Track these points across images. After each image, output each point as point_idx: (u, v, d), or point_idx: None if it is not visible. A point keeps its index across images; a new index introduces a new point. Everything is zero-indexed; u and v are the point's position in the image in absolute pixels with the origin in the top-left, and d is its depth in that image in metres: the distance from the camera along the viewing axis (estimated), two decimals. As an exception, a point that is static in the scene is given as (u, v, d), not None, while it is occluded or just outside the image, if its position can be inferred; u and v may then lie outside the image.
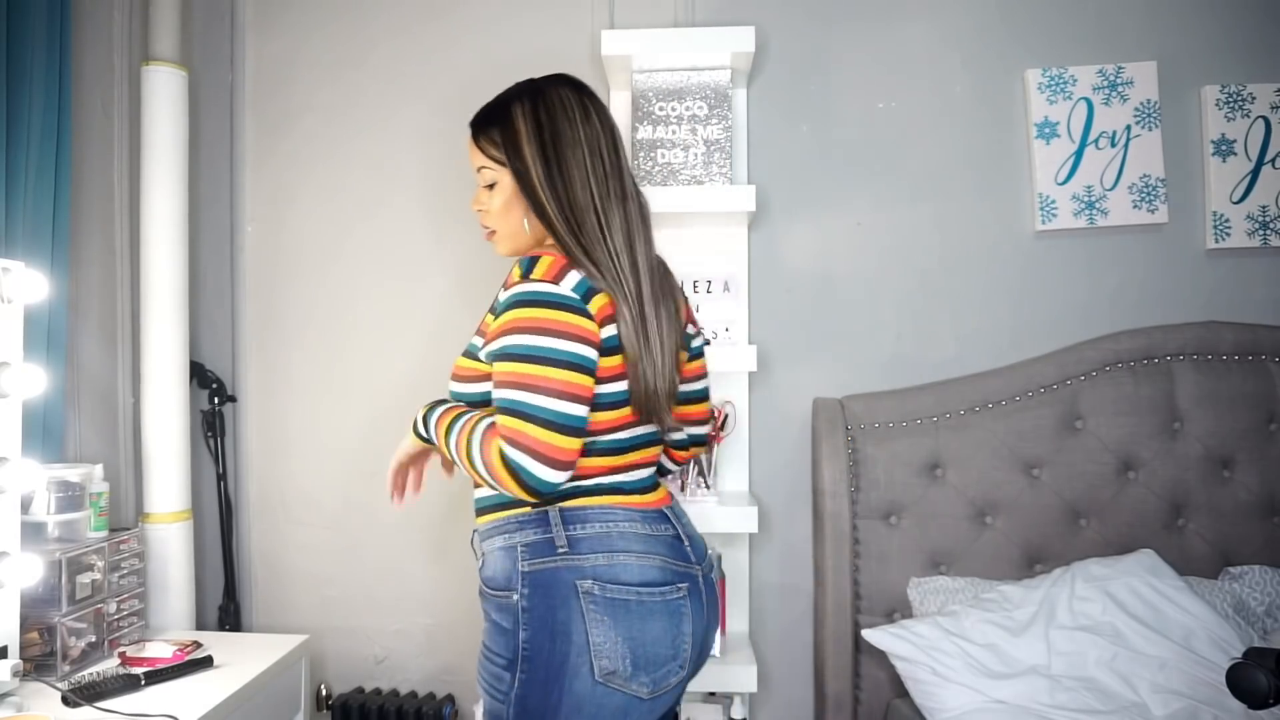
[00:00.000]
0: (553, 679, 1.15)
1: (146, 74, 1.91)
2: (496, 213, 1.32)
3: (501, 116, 1.30)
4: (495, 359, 1.17)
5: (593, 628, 1.15)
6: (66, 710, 1.39)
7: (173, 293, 1.93)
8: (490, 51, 2.09)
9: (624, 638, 1.15)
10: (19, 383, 1.46)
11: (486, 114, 1.33)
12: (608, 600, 1.16)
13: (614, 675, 1.15)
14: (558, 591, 1.16)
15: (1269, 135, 1.94)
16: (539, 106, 1.28)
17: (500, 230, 1.34)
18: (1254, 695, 1.09)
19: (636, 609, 1.17)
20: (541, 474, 1.10)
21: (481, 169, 1.32)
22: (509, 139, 1.28)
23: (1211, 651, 1.57)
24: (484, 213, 1.34)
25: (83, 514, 1.68)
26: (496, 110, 1.32)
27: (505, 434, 1.12)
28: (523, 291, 1.17)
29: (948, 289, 2.01)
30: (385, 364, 2.11)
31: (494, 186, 1.31)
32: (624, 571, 1.18)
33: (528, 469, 1.10)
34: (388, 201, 2.11)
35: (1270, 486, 1.86)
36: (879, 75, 2.02)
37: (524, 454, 1.10)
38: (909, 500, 1.90)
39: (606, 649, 1.15)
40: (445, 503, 2.08)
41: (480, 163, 1.32)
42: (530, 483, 1.10)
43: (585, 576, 1.17)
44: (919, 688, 1.67)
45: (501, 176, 1.30)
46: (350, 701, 2.01)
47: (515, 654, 1.17)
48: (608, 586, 1.16)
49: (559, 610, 1.16)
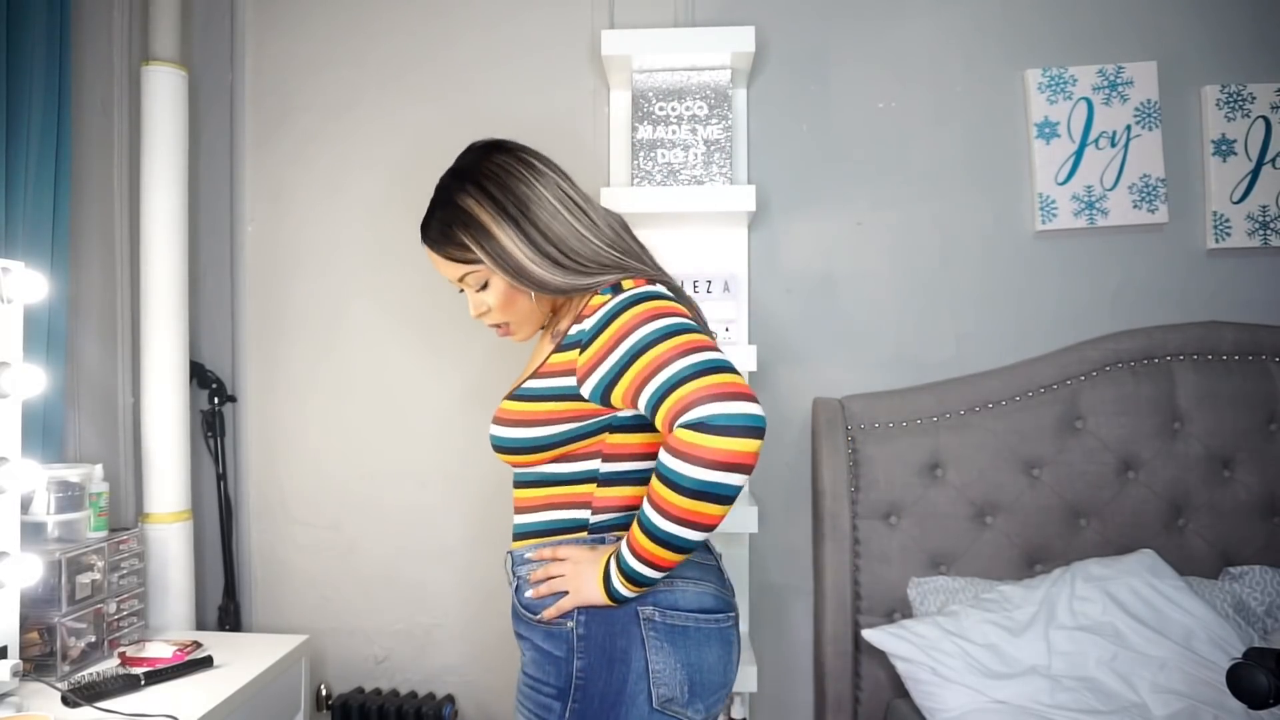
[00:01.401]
0: (609, 708, 1.13)
1: (146, 74, 1.91)
2: (500, 309, 1.24)
3: (455, 215, 1.20)
4: (625, 366, 1.09)
5: (652, 655, 1.13)
6: (66, 710, 1.39)
7: (173, 293, 1.93)
8: (490, 51, 2.09)
9: (683, 664, 1.14)
10: (19, 383, 1.46)
11: (439, 222, 1.23)
12: (668, 627, 1.14)
13: (671, 702, 1.13)
14: (618, 619, 1.14)
15: (1269, 135, 1.94)
16: (485, 184, 1.20)
17: (513, 320, 1.26)
18: (1254, 695, 1.09)
19: (695, 635, 1.16)
20: (756, 410, 1.01)
21: (464, 278, 1.23)
22: (477, 232, 1.18)
23: (1211, 651, 1.57)
24: (486, 315, 1.26)
25: (83, 514, 1.68)
26: (446, 212, 1.22)
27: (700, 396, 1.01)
28: (628, 296, 1.13)
29: (948, 289, 2.01)
30: (385, 364, 2.11)
31: (485, 286, 1.23)
32: (682, 598, 1.16)
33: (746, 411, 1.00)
34: (388, 201, 2.11)
35: (1270, 486, 1.86)
36: (879, 75, 2.02)
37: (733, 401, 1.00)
38: (909, 500, 1.90)
39: (665, 676, 1.13)
40: (446, 502, 2.09)
41: (459, 272, 1.22)
42: (755, 423, 1.00)
43: (646, 603, 1.14)
44: (919, 688, 1.67)
45: (487, 274, 1.21)
46: (350, 701, 2.01)
47: (568, 683, 1.14)
48: (668, 613, 1.15)
49: (619, 638, 1.14)
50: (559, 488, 1.21)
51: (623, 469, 1.19)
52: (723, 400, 1.00)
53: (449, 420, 2.08)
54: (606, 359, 1.11)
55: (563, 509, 1.21)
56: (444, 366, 2.10)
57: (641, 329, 1.09)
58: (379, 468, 2.11)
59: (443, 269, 1.24)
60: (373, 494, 2.11)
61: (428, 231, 1.24)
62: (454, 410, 2.08)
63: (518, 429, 1.20)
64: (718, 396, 1.01)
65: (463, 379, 2.08)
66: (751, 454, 1.01)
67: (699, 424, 1.01)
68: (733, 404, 1.00)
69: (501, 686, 2.06)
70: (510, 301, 1.23)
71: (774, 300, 2.03)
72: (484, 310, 1.26)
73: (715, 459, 1.01)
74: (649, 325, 1.09)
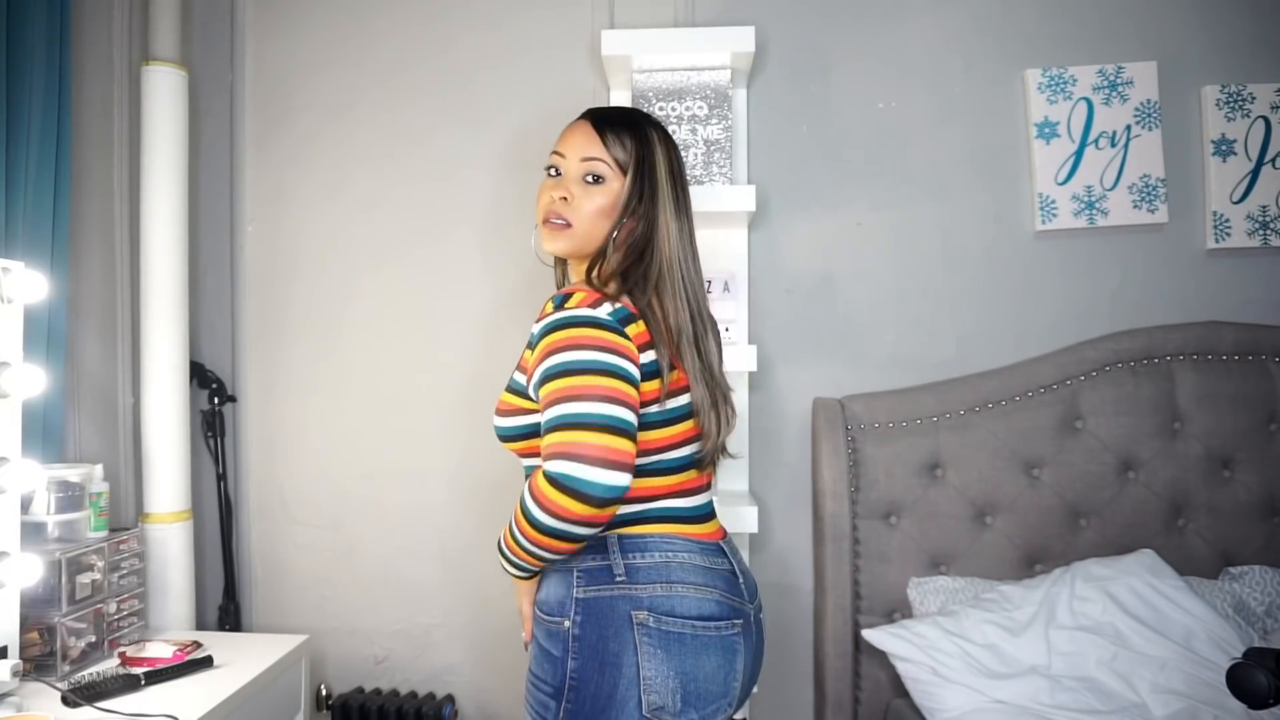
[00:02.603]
0: (599, 711, 1.12)
1: (146, 74, 1.91)
2: (588, 212, 1.25)
3: (635, 131, 1.27)
4: (539, 385, 1.14)
5: (644, 660, 1.12)
6: (66, 710, 1.39)
7: (173, 293, 1.93)
8: (490, 51, 2.09)
9: (676, 672, 1.13)
10: (19, 383, 1.46)
11: (617, 117, 1.30)
12: (662, 633, 1.13)
13: (662, 710, 1.12)
14: (611, 621, 1.14)
15: (1269, 135, 1.94)
16: (673, 152, 1.30)
17: (578, 228, 1.26)
18: (1254, 695, 1.09)
19: (691, 643, 1.14)
20: (601, 478, 1.04)
21: (594, 160, 1.26)
22: (644, 156, 1.26)
23: (1211, 651, 1.57)
24: (568, 203, 1.26)
25: (83, 514, 1.68)
26: (628, 121, 1.29)
27: (556, 450, 1.06)
28: (557, 318, 1.15)
29: (948, 289, 2.01)
30: (385, 363, 2.11)
31: (597, 184, 1.26)
32: (680, 604, 1.15)
33: (584, 477, 1.04)
34: (388, 200, 2.11)
35: (1270, 486, 1.86)
36: (879, 75, 2.02)
37: (578, 463, 1.04)
38: (909, 500, 1.90)
39: (657, 683, 1.12)
40: (446, 502, 2.09)
41: (597, 154, 1.26)
42: (590, 490, 1.04)
43: (641, 607, 1.14)
44: (919, 688, 1.67)
45: (615, 182, 1.26)
46: (350, 701, 2.01)
47: (562, 683, 1.15)
48: (663, 619, 1.14)
49: (611, 641, 1.13)
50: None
51: None
52: (575, 462, 1.05)
53: (449, 420, 2.08)
54: (536, 370, 1.15)
55: None
56: (444, 366, 2.10)
57: (552, 358, 1.12)
58: (379, 468, 2.11)
59: (584, 143, 1.27)
60: (373, 494, 2.11)
61: (604, 111, 1.31)
62: (454, 410, 2.08)
63: (507, 418, 1.25)
64: (575, 457, 1.05)
65: (462, 379, 2.08)
66: (580, 517, 1.05)
67: (554, 478, 1.06)
68: (581, 469, 1.04)
69: (501, 686, 2.06)
70: (599, 216, 1.26)
71: (774, 300, 2.03)
72: (567, 196, 1.26)
73: (556, 511, 1.06)
74: (556, 357, 1.12)
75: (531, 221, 2.03)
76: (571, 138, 1.29)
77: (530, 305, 2.01)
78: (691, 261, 1.28)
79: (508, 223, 2.07)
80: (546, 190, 1.29)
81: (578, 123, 1.31)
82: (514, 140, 2.07)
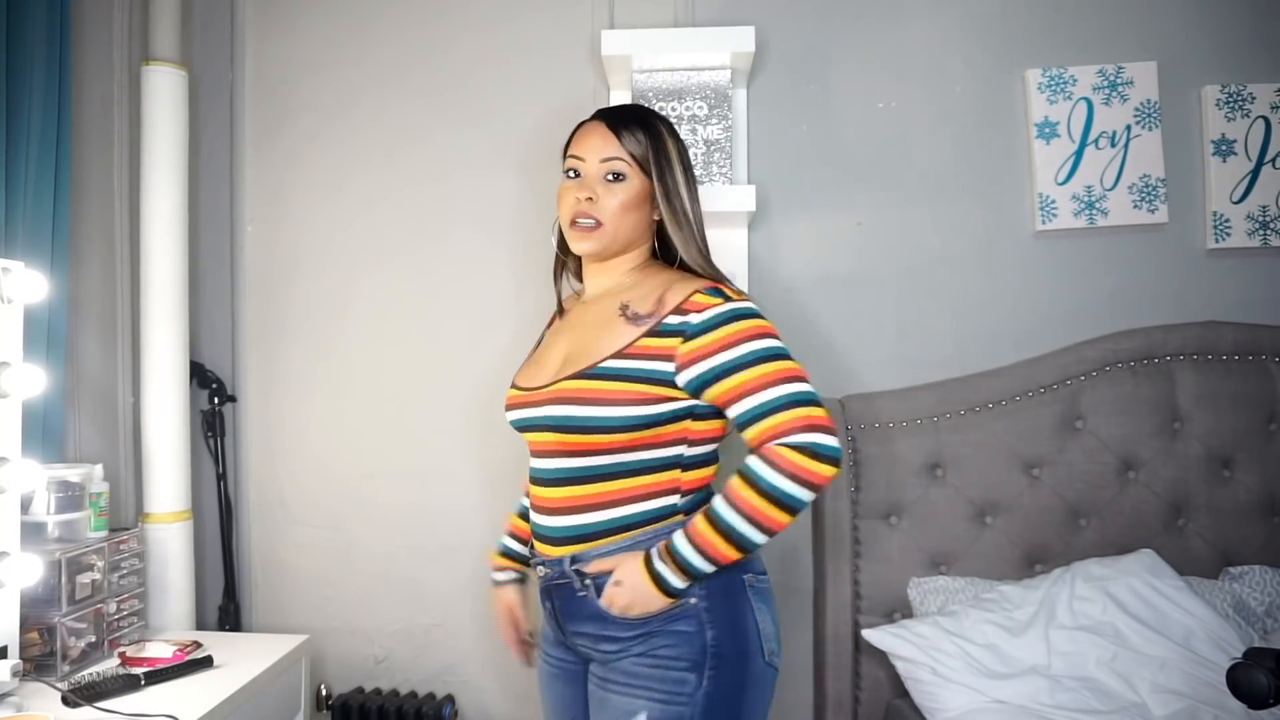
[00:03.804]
0: (740, 668, 1.24)
1: (146, 74, 1.91)
2: (614, 209, 1.32)
3: (645, 127, 1.34)
4: (729, 372, 1.21)
5: (759, 616, 1.27)
6: (66, 710, 1.39)
7: (173, 293, 1.93)
8: (490, 51, 2.09)
9: (773, 620, 1.30)
10: (19, 383, 1.46)
11: (627, 115, 1.36)
12: (761, 589, 1.29)
13: (774, 654, 1.28)
14: (731, 588, 1.26)
15: (1269, 135, 1.94)
16: (679, 143, 1.38)
17: (608, 226, 1.33)
18: (1254, 695, 1.09)
19: (770, 595, 1.32)
20: (839, 444, 1.18)
21: (613, 159, 1.32)
22: (658, 150, 1.33)
23: (1211, 651, 1.57)
24: (594, 202, 1.32)
25: (83, 514, 1.68)
26: (638, 118, 1.36)
27: (800, 425, 1.17)
28: (739, 308, 1.25)
29: (948, 289, 2.01)
30: (386, 363, 2.11)
31: (619, 181, 1.33)
32: (759, 563, 1.32)
33: (834, 444, 1.17)
34: (388, 200, 2.11)
35: (1270, 486, 1.86)
36: (879, 75, 2.02)
37: (825, 434, 1.17)
38: (909, 500, 1.90)
39: (768, 632, 1.27)
40: (446, 502, 2.09)
41: (615, 153, 1.32)
42: (838, 455, 1.17)
43: (748, 570, 1.28)
44: (919, 688, 1.67)
45: (635, 179, 1.33)
46: (350, 701, 2.01)
47: (703, 654, 1.22)
48: (758, 577, 1.30)
49: (734, 605, 1.25)
50: (645, 477, 1.26)
51: (706, 451, 1.31)
52: (822, 433, 1.17)
53: (449, 420, 2.08)
54: (712, 358, 1.22)
55: (651, 499, 1.27)
56: (444, 366, 2.10)
57: (752, 343, 1.22)
58: (379, 467, 2.11)
59: (602, 143, 1.33)
60: (373, 494, 2.11)
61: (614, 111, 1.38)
62: (454, 410, 2.08)
63: (602, 407, 1.23)
64: (818, 428, 1.18)
65: (463, 378, 2.08)
66: (829, 479, 1.18)
67: (806, 447, 1.16)
68: (829, 437, 1.18)
69: (501, 687, 2.06)
70: (625, 212, 1.33)
71: (774, 300, 2.02)
72: (592, 196, 1.32)
73: (807, 478, 1.16)
74: (758, 342, 1.22)
75: (533, 221, 2.07)
76: (588, 140, 1.35)
77: (530, 305, 2.02)
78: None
79: (507, 222, 2.07)
80: (569, 193, 1.34)
81: (591, 124, 1.37)
82: (514, 140, 2.07)
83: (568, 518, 1.28)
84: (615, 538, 1.26)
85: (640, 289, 1.34)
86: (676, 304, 1.26)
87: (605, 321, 1.32)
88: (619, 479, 1.26)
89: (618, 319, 1.30)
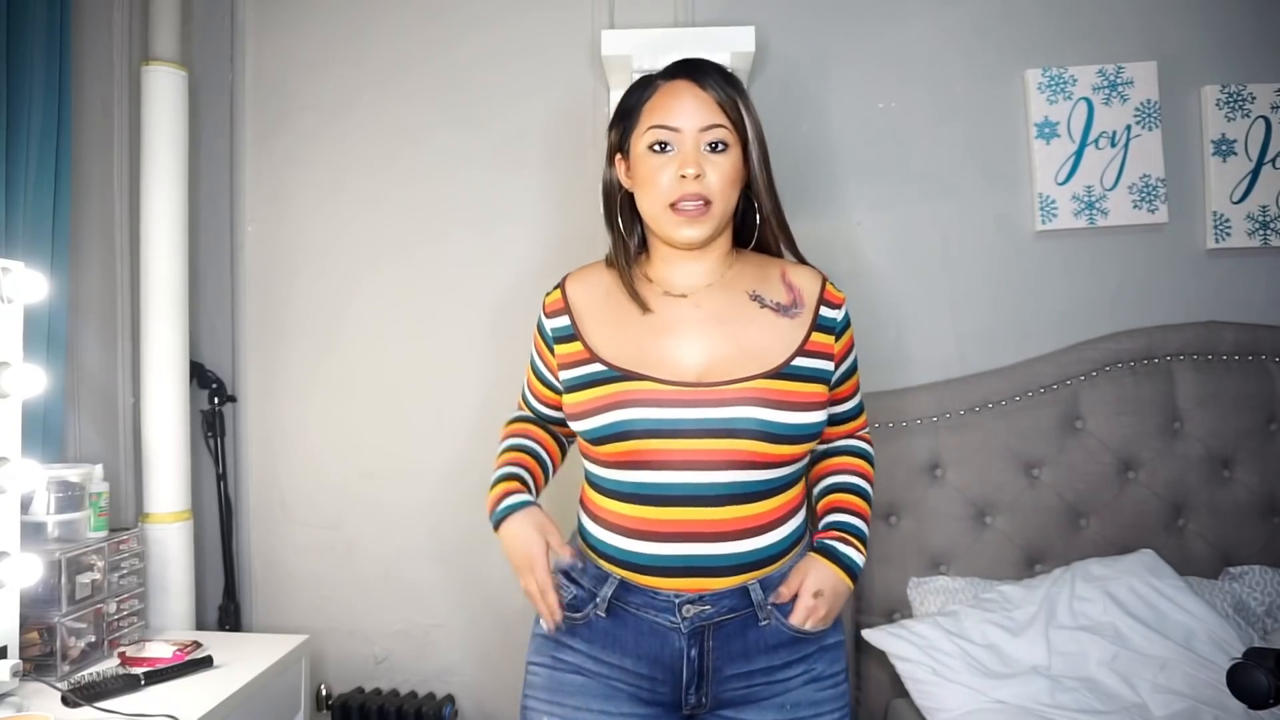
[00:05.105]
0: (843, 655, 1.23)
1: (146, 74, 1.91)
2: (721, 186, 1.11)
3: (731, 82, 1.13)
4: (853, 371, 1.26)
5: None
6: (66, 710, 1.39)
7: (173, 293, 1.93)
8: (490, 51, 2.09)
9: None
10: (19, 383, 1.46)
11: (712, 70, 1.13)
12: None
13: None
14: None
15: (1269, 135, 1.94)
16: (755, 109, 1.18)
17: (718, 206, 1.12)
18: (1254, 695, 1.09)
19: None
20: None
21: (716, 126, 1.11)
22: (749, 108, 1.13)
23: (1211, 651, 1.57)
24: (702, 179, 1.10)
25: (83, 514, 1.68)
26: (721, 73, 1.13)
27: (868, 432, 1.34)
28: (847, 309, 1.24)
29: (948, 289, 2.01)
30: (385, 363, 2.11)
31: (721, 152, 1.11)
32: None
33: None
34: (388, 200, 2.11)
35: (1270, 486, 1.86)
36: (879, 75, 2.02)
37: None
38: (909, 500, 1.90)
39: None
40: (446, 502, 2.08)
41: (716, 119, 1.10)
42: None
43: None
44: (919, 688, 1.67)
45: (735, 148, 1.12)
46: (350, 701, 2.01)
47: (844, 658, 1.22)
48: None
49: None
50: (799, 485, 1.19)
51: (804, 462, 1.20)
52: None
53: (449, 420, 2.08)
54: (849, 356, 1.23)
55: (799, 513, 1.18)
56: (444, 366, 2.09)
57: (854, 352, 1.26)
58: (379, 468, 2.11)
59: (700, 106, 1.10)
60: (373, 494, 2.11)
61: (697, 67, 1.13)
62: (454, 410, 2.08)
63: (809, 413, 1.09)
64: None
65: (463, 379, 2.08)
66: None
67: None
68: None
69: (501, 687, 2.06)
70: (733, 184, 1.14)
71: (774, 300, 2.02)
72: (700, 174, 1.10)
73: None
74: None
75: (533, 220, 2.07)
76: (681, 104, 1.11)
77: (530, 305, 2.01)
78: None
79: (508, 222, 2.07)
80: (664, 170, 1.11)
81: (679, 84, 1.13)
82: (514, 140, 2.07)
83: (742, 542, 1.09)
84: (789, 556, 1.14)
85: (752, 275, 1.18)
86: (817, 294, 1.17)
87: (743, 314, 1.14)
88: (788, 490, 1.14)
89: (760, 310, 1.14)
